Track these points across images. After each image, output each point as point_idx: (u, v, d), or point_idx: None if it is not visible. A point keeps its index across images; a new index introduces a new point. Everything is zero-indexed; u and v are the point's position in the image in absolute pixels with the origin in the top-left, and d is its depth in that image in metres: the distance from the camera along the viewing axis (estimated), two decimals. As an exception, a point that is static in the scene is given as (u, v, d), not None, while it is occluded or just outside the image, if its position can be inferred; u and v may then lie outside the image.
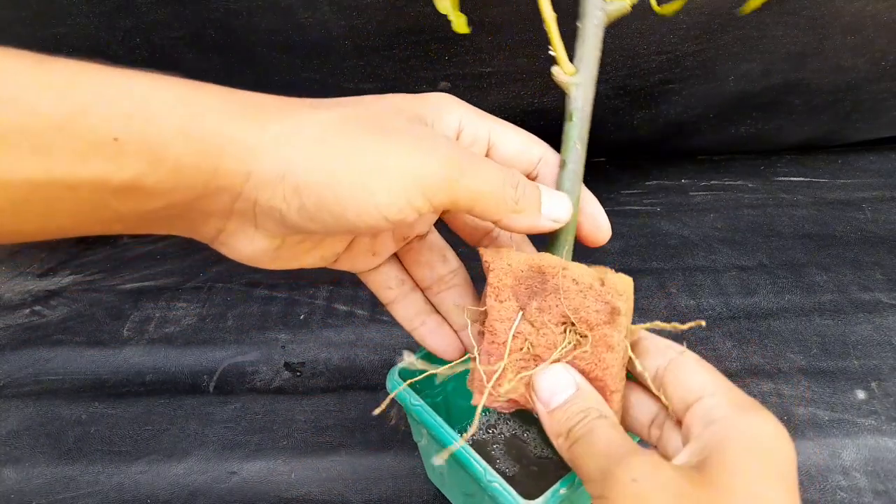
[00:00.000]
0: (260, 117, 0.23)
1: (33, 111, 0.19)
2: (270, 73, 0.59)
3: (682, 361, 0.27)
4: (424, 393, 0.35)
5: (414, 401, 0.35)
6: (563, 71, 0.30)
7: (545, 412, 0.27)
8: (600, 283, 0.28)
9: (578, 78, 0.30)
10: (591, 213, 0.31)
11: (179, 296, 0.61)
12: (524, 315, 0.28)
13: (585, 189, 0.31)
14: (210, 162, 0.22)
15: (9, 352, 0.56)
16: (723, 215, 0.68)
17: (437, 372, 0.31)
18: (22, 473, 0.46)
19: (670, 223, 0.67)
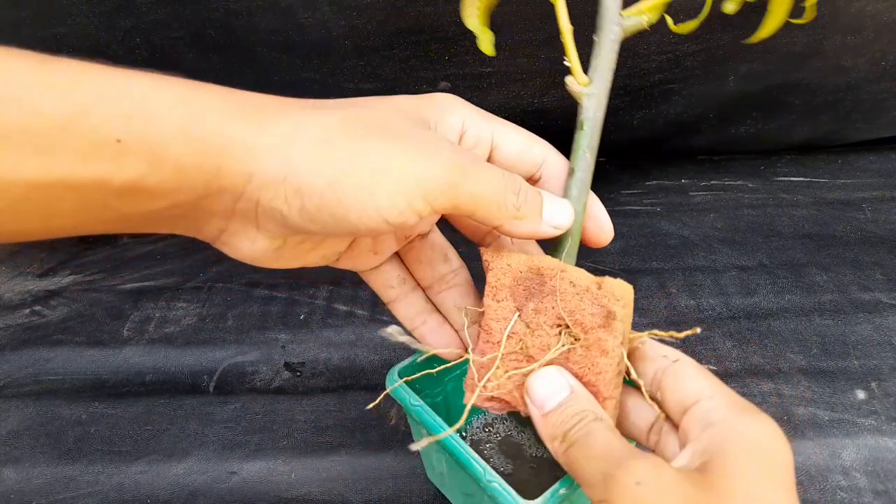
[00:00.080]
0: (259, 117, 0.23)
1: (36, 111, 0.19)
2: (270, 73, 0.59)
3: (680, 366, 0.27)
4: (424, 393, 0.35)
5: (414, 401, 0.35)
6: (577, 81, 0.30)
7: (539, 415, 0.27)
8: (597, 287, 0.28)
9: (591, 89, 0.30)
10: (594, 215, 0.31)
11: (179, 296, 0.61)
12: (520, 316, 0.28)
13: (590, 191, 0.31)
14: (211, 162, 0.22)
15: (9, 352, 0.56)
16: (723, 215, 0.68)
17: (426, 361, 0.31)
18: (22, 473, 0.46)
19: (670, 223, 0.67)
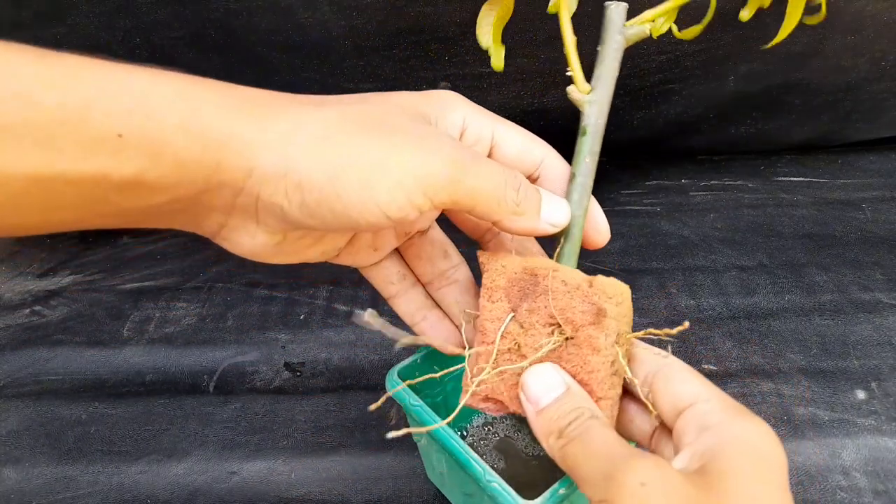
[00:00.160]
0: (259, 112, 0.23)
1: (36, 106, 0.19)
2: (270, 73, 0.59)
3: (671, 368, 0.27)
4: (424, 393, 0.35)
5: (413, 401, 0.35)
6: (578, 89, 0.30)
7: (534, 411, 0.27)
8: (588, 285, 0.28)
9: (593, 96, 0.30)
10: (592, 216, 0.31)
11: (179, 296, 0.61)
12: (515, 316, 0.28)
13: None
14: (211, 157, 0.22)
15: (9, 352, 0.56)
16: (723, 215, 0.68)
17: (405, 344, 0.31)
18: (22, 473, 0.46)
19: (670, 223, 0.67)
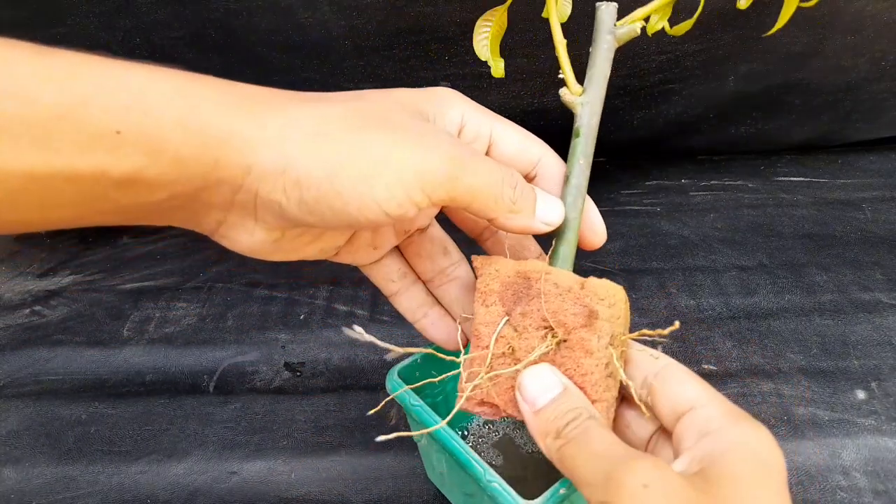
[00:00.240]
0: (257, 109, 0.23)
1: (34, 102, 0.19)
2: (270, 73, 0.59)
3: (669, 371, 0.27)
4: (424, 393, 0.35)
5: (414, 401, 0.35)
6: (570, 91, 0.30)
7: (531, 412, 0.26)
8: (580, 287, 0.28)
9: (585, 97, 0.30)
10: (587, 217, 0.31)
11: (179, 296, 0.61)
12: (509, 320, 0.28)
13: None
14: (210, 154, 0.22)
15: (9, 352, 0.56)
16: (723, 215, 0.68)
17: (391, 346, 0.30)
18: (22, 473, 0.46)
19: (670, 223, 0.67)
